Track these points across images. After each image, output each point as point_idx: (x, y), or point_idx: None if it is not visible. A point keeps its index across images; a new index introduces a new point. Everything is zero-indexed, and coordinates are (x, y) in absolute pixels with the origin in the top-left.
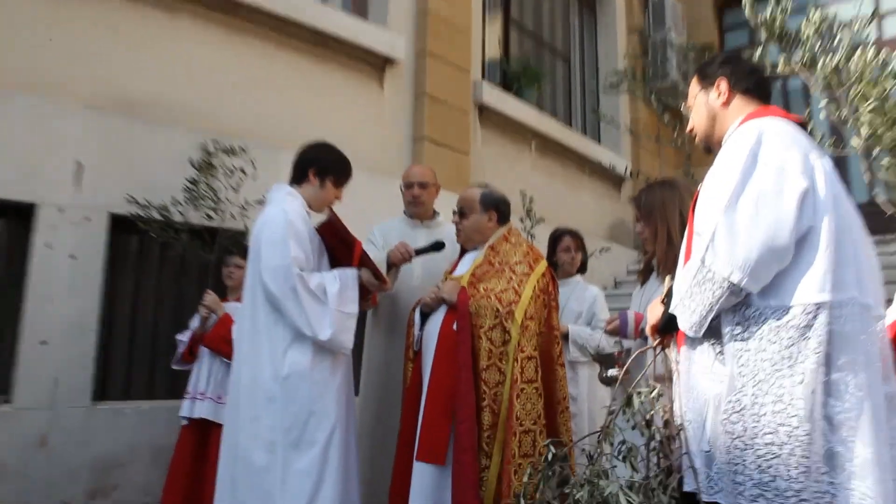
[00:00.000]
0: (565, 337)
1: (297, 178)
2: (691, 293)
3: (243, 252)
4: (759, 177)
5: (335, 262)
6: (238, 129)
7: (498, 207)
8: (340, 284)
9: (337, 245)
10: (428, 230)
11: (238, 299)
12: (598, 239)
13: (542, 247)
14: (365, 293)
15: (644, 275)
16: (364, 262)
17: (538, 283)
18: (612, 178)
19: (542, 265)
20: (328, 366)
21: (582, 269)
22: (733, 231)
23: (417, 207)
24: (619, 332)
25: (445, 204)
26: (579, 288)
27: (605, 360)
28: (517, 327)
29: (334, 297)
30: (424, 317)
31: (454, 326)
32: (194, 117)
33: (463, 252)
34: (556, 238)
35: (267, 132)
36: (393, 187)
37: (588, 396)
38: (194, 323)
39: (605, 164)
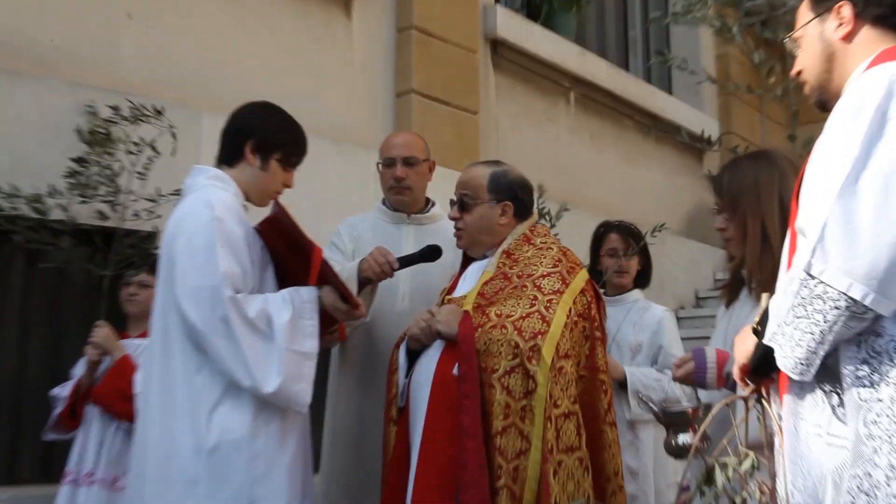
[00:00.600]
0: (620, 385)
1: (229, 156)
2: (794, 317)
3: (151, 265)
4: (892, 146)
5: (285, 279)
6: (147, 84)
7: (515, 194)
8: (293, 311)
9: (287, 253)
10: (418, 229)
11: (144, 335)
12: (668, 235)
13: (581, 251)
14: (328, 323)
15: (731, 291)
16: (326, 277)
17: (575, 305)
18: (689, 146)
19: (581, 277)
20: (276, 431)
21: (642, 280)
22: (852, 225)
23: (402, 195)
24: (693, 378)
25: (444, 189)
26: (637, 309)
27: (674, 419)
28: (546, 370)
29: (284, 330)
30: (413, 357)
31: (455, 371)
32: (79, 65)
33: (467, 261)
34: (601, 236)
35: (189, 88)
36: (368, 165)
37: (653, 470)
38: (78, 370)
39: (679, 124)
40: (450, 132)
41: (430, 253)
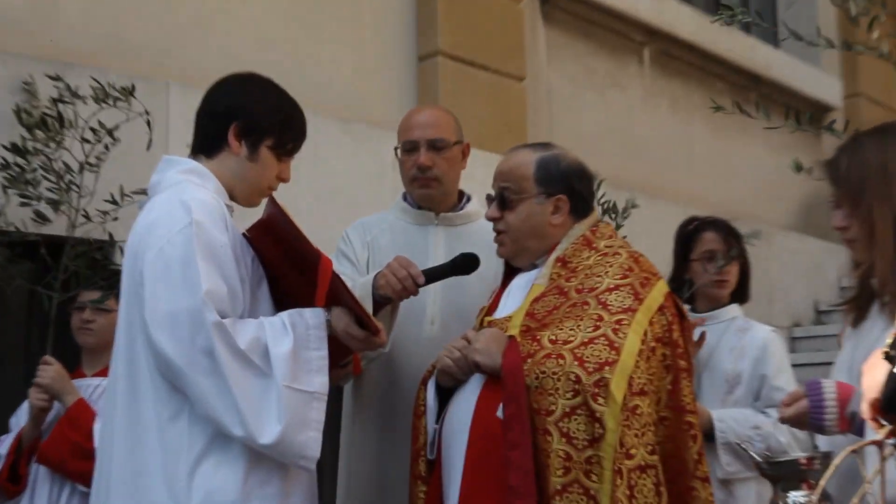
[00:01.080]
0: (706, 436)
1: (207, 144)
2: None
3: (111, 284)
4: None
5: (284, 298)
6: (98, 52)
7: (570, 186)
8: (295, 340)
9: (286, 265)
10: (449, 232)
11: (103, 372)
12: (778, 232)
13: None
14: (340, 354)
15: (857, 306)
16: (337, 296)
17: (652, 326)
18: (803, 115)
19: (659, 291)
20: (275, 493)
21: (739, 293)
22: None
23: (428, 188)
24: (807, 419)
25: (482, 179)
26: (735, 330)
27: (782, 472)
28: (616, 411)
29: (285, 364)
30: (445, 397)
31: (499, 414)
32: (12, 31)
33: (511, 273)
34: (691, 235)
35: (153, 56)
36: (384, 150)
37: None
38: (20, 420)
39: (789, 85)
40: (488, 105)
41: (465, 263)
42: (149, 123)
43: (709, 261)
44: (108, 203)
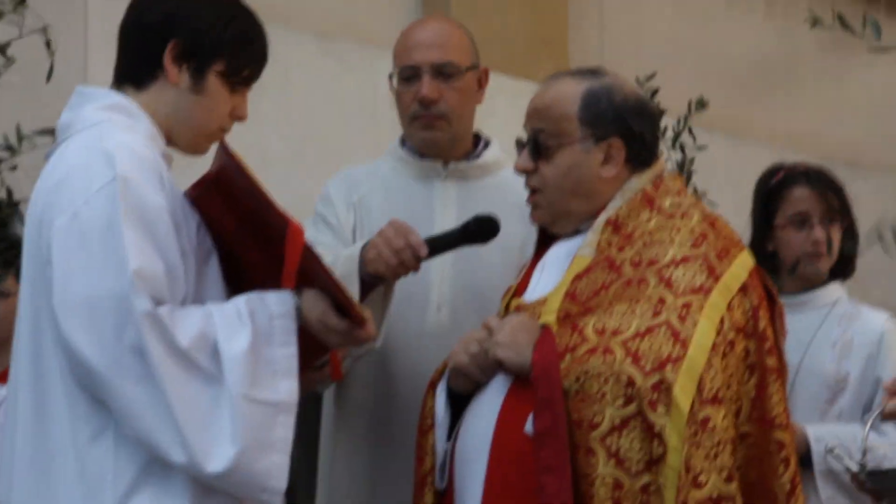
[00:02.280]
0: (805, 457)
1: (135, 71)
2: None
3: (9, 260)
4: None
5: (240, 278)
6: None
7: (626, 126)
8: (253, 333)
9: (242, 234)
10: (461, 187)
11: (2, 377)
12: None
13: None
14: (314, 351)
15: None
16: (310, 274)
17: (731, 313)
18: None
19: (742, 265)
20: None
21: (843, 266)
22: None
23: (433, 128)
24: None
25: (505, 115)
26: (839, 317)
27: (885, 482)
28: (682, 424)
29: (240, 366)
30: (459, 405)
31: (528, 427)
32: None
33: (546, 242)
34: (775, 190)
35: None
36: (375, 77)
37: None
38: None
39: None
40: (515, 13)
41: (481, 228)
42: (48, 44)
43: (799, 226)
44: (5, 150)
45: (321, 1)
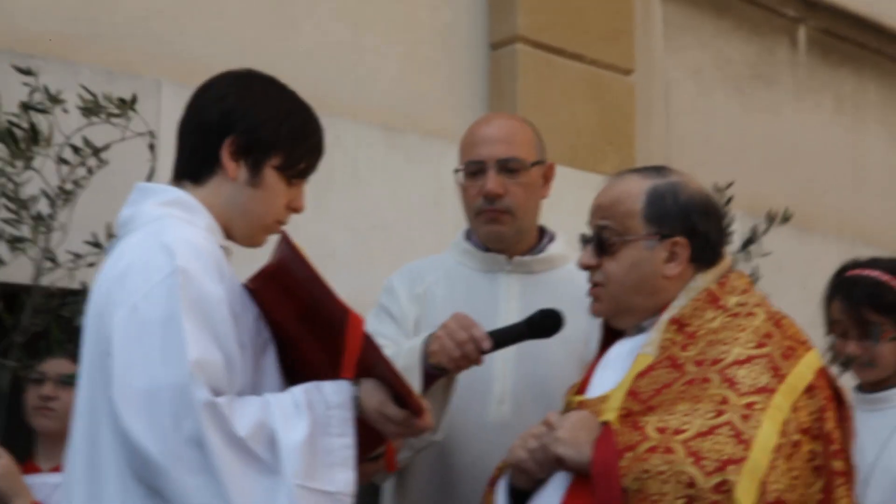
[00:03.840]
0: None
1: (194, 167)
2: None
3: (72, 351)
4: None
5: (297, 368)
6: (61, 36)
7: (692, 225)
8: (312, 424)
9: (300, 325)
10: (525, 281)
11: (57, 468)
12: None
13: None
14: (372, 442)
15: None
16: (369, 364)
17: (797, 414)
18: None
19: (808, 365)
20: None
21: None
22: None
23: (498, 223)
24: None
25: (570, 209)
26: None
27: None
28: None
29: (297, 457)
30: (519, 500)
31: None
32: None
33: (609, 338)
34: (848, 285)
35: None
36: (442, 171)
37: None
38: None
39: None
40: (582, 108)
41: (545, 322)
42: (152, 147)
43: (842, 337)
44: (87, 245)
45: (388, 95)
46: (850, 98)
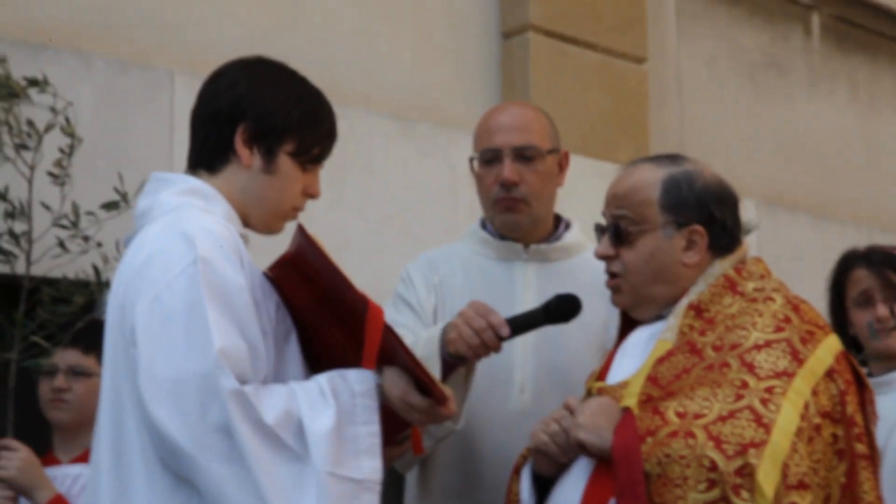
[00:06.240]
0: None
1: (208, 155)
2: None
3: (90, 340)
4: None
5: (319, 356)
6: (76, 28)
7: (708, 212)
8: (338, 411)
9: (320, 313)
10: (541, 269)
11: (82, 457)
12: None
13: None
14: (395, 429)
15: None
16: (391, 353)
17: (817, 397)
18: None
19: (828, 349)
20: None
21: None
22: None
23: (514, 211)
24: None
25: (586, 196)
26: None
27: None
28: None
29: (325, 444)
30: (543, 488)
31: None
32: None
33: (628, 325)
34: (840, 274)
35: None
36: (456, 160)
37: None
38: None
39: None
40: (596, 97)
41: (562, 307)
42: (68, 120)
43: (864, 305)
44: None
45: (402, 84)
46: (865, 85)
